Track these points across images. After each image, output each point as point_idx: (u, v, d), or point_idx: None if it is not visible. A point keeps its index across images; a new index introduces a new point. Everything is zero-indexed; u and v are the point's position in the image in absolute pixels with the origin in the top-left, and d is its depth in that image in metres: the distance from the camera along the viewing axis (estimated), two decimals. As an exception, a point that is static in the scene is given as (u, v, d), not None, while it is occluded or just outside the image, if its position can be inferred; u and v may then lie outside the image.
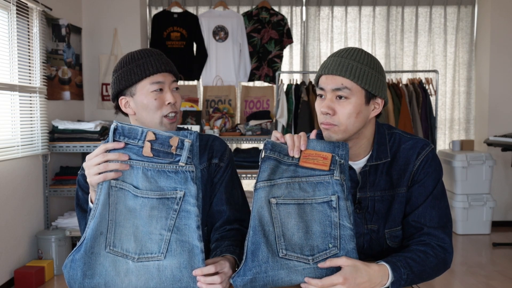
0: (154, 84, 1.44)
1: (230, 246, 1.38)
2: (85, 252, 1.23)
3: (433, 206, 1.40)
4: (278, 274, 1.22)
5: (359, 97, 1.33)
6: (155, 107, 1.44)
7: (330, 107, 1.33)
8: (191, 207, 1.23)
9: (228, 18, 4.96)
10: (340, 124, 1.34)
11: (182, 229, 1.23)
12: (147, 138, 1.24)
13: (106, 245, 1.24)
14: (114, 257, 1.24)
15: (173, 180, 1.24)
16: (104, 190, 1.24)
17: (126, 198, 1.25)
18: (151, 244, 1.23)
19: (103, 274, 1.23)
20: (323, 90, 1.36)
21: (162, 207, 1.24)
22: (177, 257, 1.22)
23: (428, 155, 1.42)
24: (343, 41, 5.28)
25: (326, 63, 1.36)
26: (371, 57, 1.37)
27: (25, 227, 3.64)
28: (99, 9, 4.72)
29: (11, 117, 3.49)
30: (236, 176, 1.61)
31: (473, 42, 5.31)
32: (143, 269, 1.22)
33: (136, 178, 1.25)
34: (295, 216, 1.26)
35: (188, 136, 1.26)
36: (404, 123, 4.47)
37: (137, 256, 1.23)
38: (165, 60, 1.49)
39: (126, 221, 1.25)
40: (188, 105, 4.61)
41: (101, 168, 1.24)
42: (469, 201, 4.73)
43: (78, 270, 1.22)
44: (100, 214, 1.24)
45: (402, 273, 1.26)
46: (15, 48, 3.51)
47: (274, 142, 1.29)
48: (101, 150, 1.25)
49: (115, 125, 1.25)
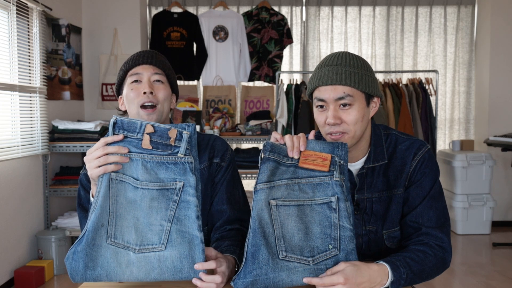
0: (132, 76, 1.49)
1: (231, 246, 1.38)
2: (86, 244, 1.24)
3: (431, 206, 1.41)
4: (279, 275, 1.23)
5: (361, 101, 1.35)
6: (131, 97, 1.47)
7: (337, 117, 1.33)
8: (191, 197, 1.25)
9: (228, 18, 4.96)
10: (349, 131, 1.34)
11: (182, 219, 1.24)
12: (146, 130, 1.25)
13: (107, 237, 1.25)
14: (115, 249, 1.25)
15: (172, 171, 1.26)
16: (104, 182, 1.26)
17: (126, 190, 1.26)
18: (152, 235, 1.24)
19: (105, 266, 1.24)
20: (324, 101, 1.35)
21: (162, 198, 1.25)
22: (177, 248, 1.23)
23: (425, 155, 1.43)
24: (343, 41, 5.28)
25: (321, 73, 1.36)
26: (360, 58, 1.39)
27: (25, 227, 3.64)
28: (99, 9, 4.72)
29: (11, 117, 3.49)
30: (238, 176, 1.61)
31: (473, 42, 5.31)
32: (144, 260, 1.24)
33: (136, 170, 1.26)
34: (295, 218, 1.26)
35: (186, 128, 1.27)
36: (404, 123, 4.47)
37: (138, 247, 1.24)
38: (150, 55, 1.51)
39: (126, 213, 1.26)
40: (188, 105, 4.61)
41: (101, 161, 1.26)
42: (469, 201, 4.73)
43: (80, 261, 1.24)
44: (101, 206, 1.25)
45: (402, 272, 1.27)
46: (15, 48, 3.51)
47: (273, 143, 1.29)
48: (101, 143, 1.27)
49: (115, 119, 1.27)
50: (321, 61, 1.40)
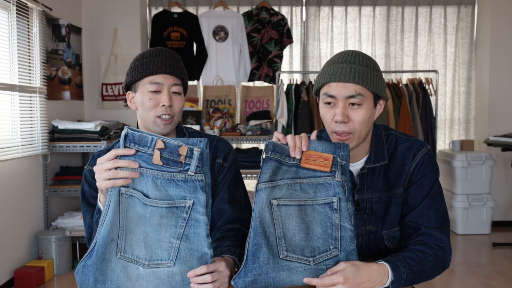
0: (152, 85, 1.48)
1: (231, 247, 1.38)
2: (96, 258, 1.24)
3: (430, 207, 1.41)
4: (279, 275, 1.23)
5: (370, 102, 1.35)
6: (149, 107, 1.48)
7: (345, 115, 1.33)
8: (200, 216, 1.24)
9: (228, 18, 4.96)
10: (355, 131, 1.34)
11: (191, 237, 1.23)
12: (156, 146, 1.24)
13: (117, 251, 1.25)
14: (125, 263, 1.25)
15: (182, 189, 1.24)
16: (114, 197, 1.25)
17: (136, 205, 1.26)
18: (161, 251, 1.24)
19: (115, 280, 1.25)
20: (334, 98, 1.34)
21: (171, 216, 1.24)
22: (187, 264, 1.23)
23: (424, 156, 1.43)
24: (343, 41, 5.28)
25: (334, 70, 1.34)
26: (371, 59, 1.38)
27: (25, 227, 3.64)
28: (99, 9, 4.72)
29: (11, 117, 3.49)
30: (240, 176, 1.61)
31: (473, 42, 5.32)
32: (153, 275, 1.23)
33: (146, 186, 1.25)
34: (296, 218, 1.26)
35: (197, 144, 1.25)
36: (404, 123, 4.47)
37: (148, 262, 1.24)
38: (171, 63, 1.49)
39: (136, 227, 1.26)
40: (188, 105, 4.61)
41: (111, 175, 1.24)
42: (469, 201, 4.73)
43: (90, 275, 1.24)
44: (110, 221, 1.25)
45: (402, 272, 1.27)
46: (15, 48, 3.51)
47: (275, 143, 1.29)
48: (112, 155, 1.25)
49: (126, 132, 1.26)
50: (332, 58, 1.39)
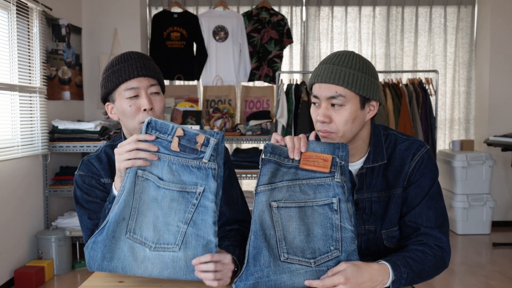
0: (129, 91, 1.44)
1: (230, 247, 1.38)
2: (106, 235, 1.28)
3: (430, 207, 1.41)
4: (280, 278, 1.23)
5: (354, 103, 1.34)
6: (131, 114, 1.44)
7: (326, 115, 1.34)
8: (209, 203, 1.26)
9: (228, 18, 4.96)
10: (337, 131, 1.35)
11: (198, 223, 1.27)
12: (176, 133, 1.29)
13: (127, 231, 1.29)
14: (133, 243, 1.29)
15: (195, 175, 1.28)
16: (130, 178, 1.29)
17: (150, 188, 1.30)
18: (168, 235, 1.27)
19: (121, 258, 1.28)
20: (317, 98, 1.36)
21: (181, 200, 1.28)
22: (191, 250, 1.26)
23: (424, 156, 1.43)
24: (343, 41, 5.28)
25: (318, 70, 1.37)
26: (362, 60, 1.37)
27: (25, 227, 3.64)
28: (99, 9, 4.72)
29: (11, 117, 3.49)
30: (235, 176, 1.60)
31: (473, 42, 5.31)
32: (158, 258, 1.27)
33: (162, 170, 1.29)
34: (296, 219, 1.26)
35: (214, 135, 1.29)
36: (404, 123, 4.47)
37: (154, 245, 1.28)
38: (142, 64, 1.45)
39: (148, 210, 1.29)
40: (188, 105, 4.61)
41: (132, 155, 1.29)
42: (469, 201, 4.73)
43: (98, 251, 1.28)
44: (124, 201, 1.29)
45: (402, 271, 1.27)
46: (15, 48, 3.51)
47: (274, 145, 1.29)
48: (133, 139, 1.30)
49: (149, 119, 1.30)
50: (323, 58, 1.40)
